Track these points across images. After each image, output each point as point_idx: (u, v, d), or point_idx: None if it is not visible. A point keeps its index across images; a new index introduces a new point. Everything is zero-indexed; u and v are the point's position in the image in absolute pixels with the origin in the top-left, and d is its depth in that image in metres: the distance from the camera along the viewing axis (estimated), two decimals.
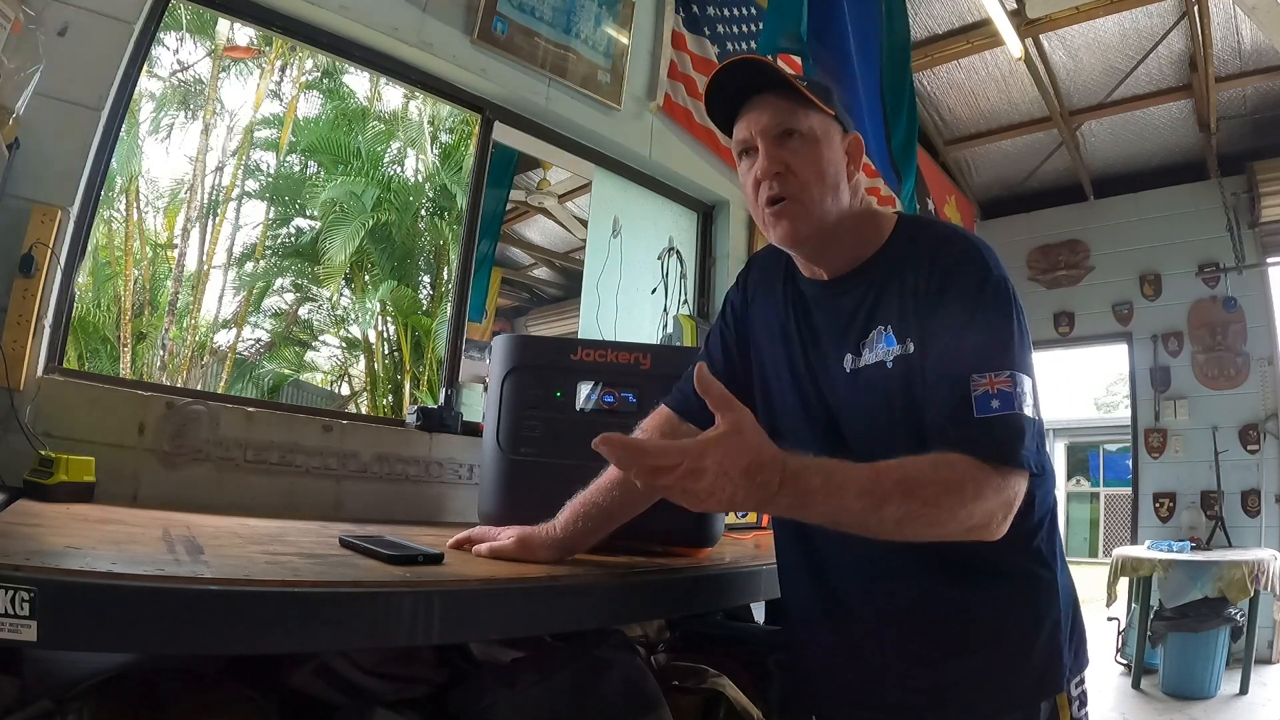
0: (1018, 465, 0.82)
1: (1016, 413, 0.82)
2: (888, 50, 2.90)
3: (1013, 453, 0.81)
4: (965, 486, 0.79)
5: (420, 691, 1.10)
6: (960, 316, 0.88)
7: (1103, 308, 5.49)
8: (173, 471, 1.56)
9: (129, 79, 1.67)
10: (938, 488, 0.79)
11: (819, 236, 0.96)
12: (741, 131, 0.98)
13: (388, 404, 7.84)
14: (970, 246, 0.94)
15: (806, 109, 0.95)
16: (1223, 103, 4.62)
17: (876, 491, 0.77)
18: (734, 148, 1.00)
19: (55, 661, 0.96)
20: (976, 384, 0.83)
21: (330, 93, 8.10)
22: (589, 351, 1.43)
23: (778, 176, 0.94)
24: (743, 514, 2.12)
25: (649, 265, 3.05)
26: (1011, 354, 0.85)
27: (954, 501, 0.79)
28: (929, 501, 0.78)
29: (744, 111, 0.97)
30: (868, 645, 0.96)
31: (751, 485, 0.73)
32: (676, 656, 1.47)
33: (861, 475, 0.78)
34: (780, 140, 0.94)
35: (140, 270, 7.59)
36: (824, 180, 0.94)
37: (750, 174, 0.97)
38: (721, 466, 0.72)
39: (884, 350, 0.92)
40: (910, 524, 0.78)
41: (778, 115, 0.94)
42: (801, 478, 0.76)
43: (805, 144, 0.94)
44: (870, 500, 0.77)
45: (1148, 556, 4.29)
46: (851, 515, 0.78)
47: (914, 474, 0.79)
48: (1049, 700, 0.93)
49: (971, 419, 0.82)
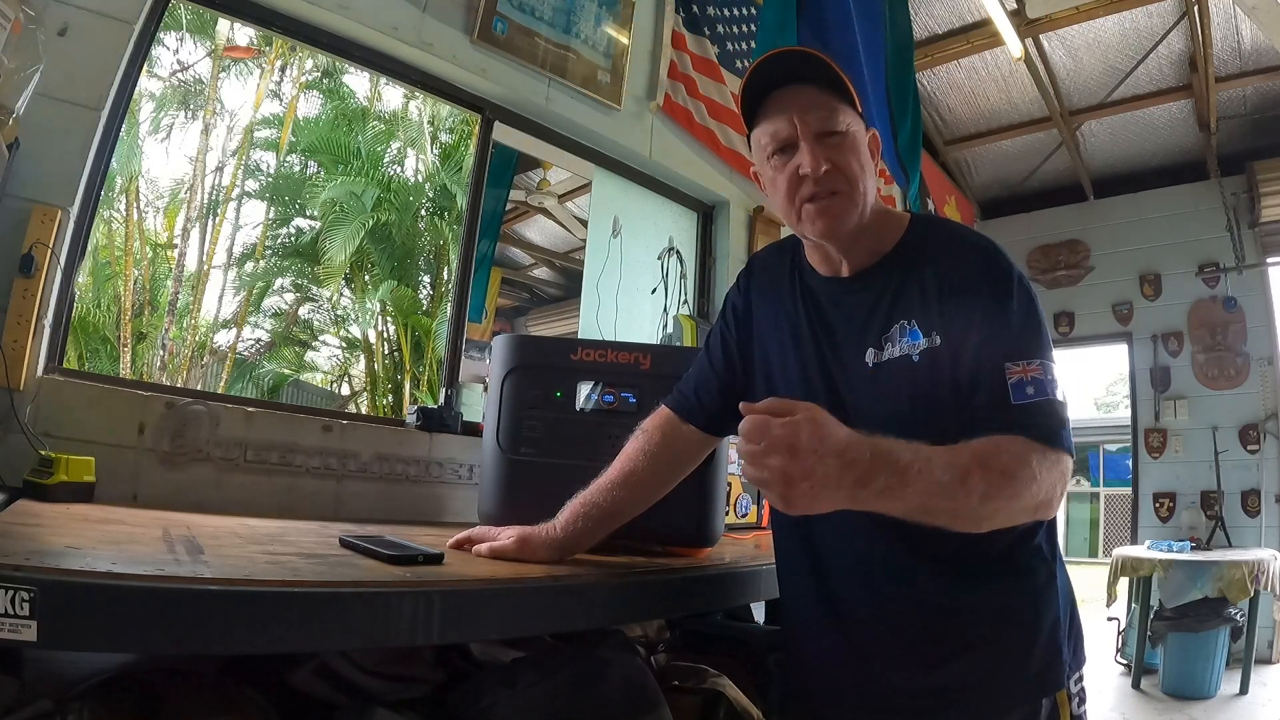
0: (1061, 447, 0.84)
1: (1051, 398, 0.85)
2: (893, 50, 2.90)
3: (1056, 435, 0.84)
4: (1030, 459, 0.81)
5: (420, 691, 1.10)
6: (988, 310, 0.90)
7: (1103, 308, 5.49)
8: (173, 471, 1.56)
9: (129, 79, 1.67)
10: (1009, 459, 0.80)
11: (855, 231, 0.98)
12: (782, 126, 0.95)
13: (388, 404, 7.84)
14: (988, 244, 0.97)
15: (846, 106, 0.96)
16: (1223, 103, 4.62)
17: (958, 464, 0.77)
18: (768, 141, 0.98)
19: (55, 661, 0.96)
20: (1011, 372, 0.86)
21: (330, 93, 8.11)
22: (589, 351, 1.43)
23: (826, 175, 0.94)
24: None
25: (649, 265, 3.05)
26: (1040, 343, 0.89)
27: (1026, 474, 0.80)
28: (1005, 473, 0.79)
29: (777, 102, 0.96)
30: (869, 646, 0.96)
31: (844, 464, 0.72)
32: (676, 656, 1.47)
33: (939, 450, 0.78)
34: (821, 139, 0.95)
35: (140, 270, 7.59)
36: (864, 178, 0.96)
37: (787, 168, 0.96)
38: (813, 444, 0.71)
39: (909, 344, 0.94)
40: (993, 498, 0.78)
41: (823, 113, 0.95)
42: (892, 453, 0.75)
43: (848, 141, 0.95)
44: (956, 473, 0.77)
45: (1148, 556, 4.29)
46: (942, 493, 0.76)
47: (983, 449, 0.80)
48: (1050, 697, 0.93)
49: (1011, 405, 0.85)
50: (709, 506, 1.38)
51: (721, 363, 1.14)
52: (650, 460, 1.13)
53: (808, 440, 0.71)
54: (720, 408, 1.14)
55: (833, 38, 2.74)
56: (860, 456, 0.73)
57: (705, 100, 3.07)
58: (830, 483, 0.72)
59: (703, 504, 1.37)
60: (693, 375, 1.18)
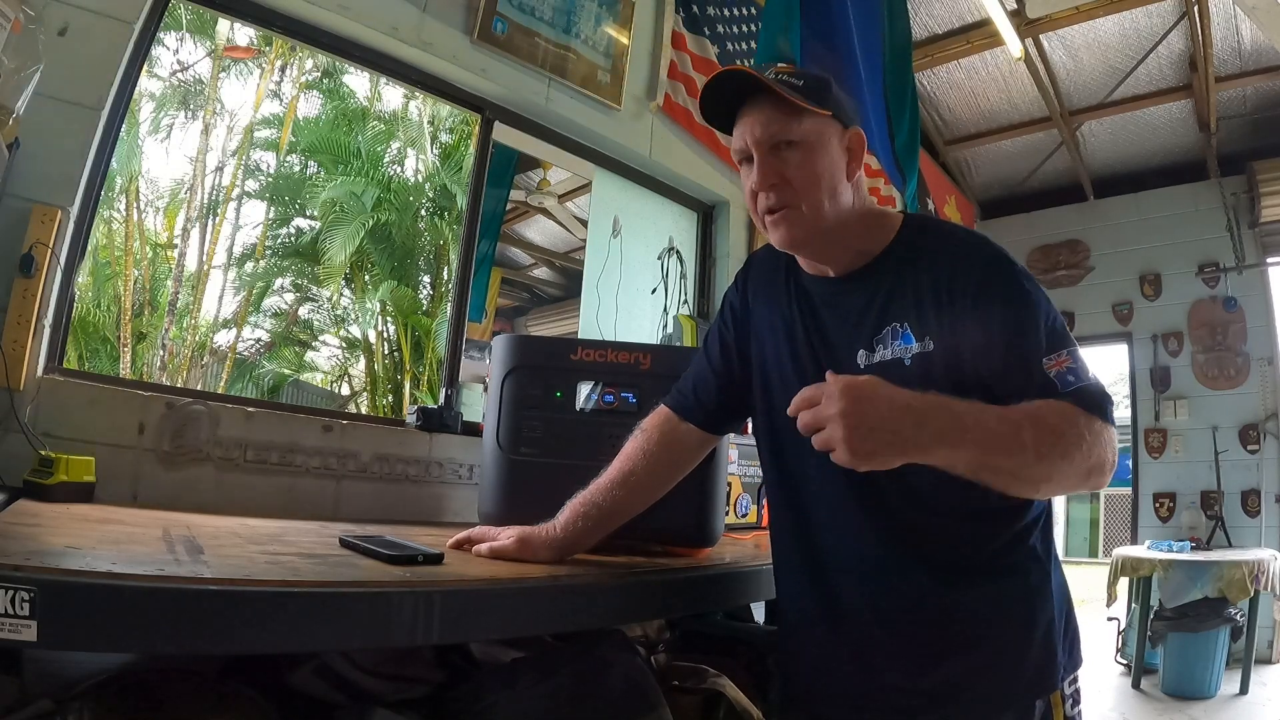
0: (1107, 419, 0.86)
1: (1089, 382, 0.86)
2: (890, 50, 2.90)
3: (1102, 408, 0.85)
4: (1077, 420, 0.82)
5: (420, 691, 1.10)
6: (1005, 314, 0.90)
7: (1103, 308, 5.49)
8: (173, 471, 1.56)
9: (129, 79, 1.67)
10: (1059, 418, 0.82)
11: (819, 240, 0.97)
12: (738, 140, 0.98)
13: (388, 404, 7.84)
14: (987, 244, 0.97)
15: (800, 115, 0.94)
16: (1223, 103, 4.62)
17: (1011, 418, 0.80)
18: (734, 155, 1.01)
19: (55, 661, 0.96)
20: (1049, 366, 0.87)
21: (330, 93, 8.10)
22: (589, 351, 1.43)
23: (774, 187, 0.95)
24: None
25: (649, 265, 3.05)
26: (1063, 335, 0.90)
27: (1076, 434, 0.82)
28: (1055, 429, 0.81)
29: (740, 117, 0.98)
30: (864, 645, 0.96)
31: (900, 408, 0.76)
32: (676, 656, 1.47)
33: (990, 406, 0.81)
34: (775, 150, 0.95)
35: (140, 270, 7.59)
36: (819, 187, 0.95)
37: (748, 182, 0.98)
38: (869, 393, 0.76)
39: (901, 348, 0.93)
40: (1047, 455, 0.80)
41: (770, 125, 0.94)
42: (945, 403, 0.78)
43: (800, 152, 0.94)
44: (1010, 426, 0.79)
45: (1148, 556, 4.29)
46: (999, 444, 0.79)
47: (1034, 408, 0.82)
48: (1044, 699, 0.93)
49: (1059, 393, 0.85)
50: (709, 506, 1.38)
51: (720, 362, 1.14)
52: (650, 460, 1.13)
53: (863, 389, 0.76)
54: (719, 406, 1.14)
55: (834, 37, 2.74)
56: (914, 402, 0.77)
57: None
58: (890, 425, 0.75)
59: (703, 504, 1.37)
60: (691, 374, 1.18)
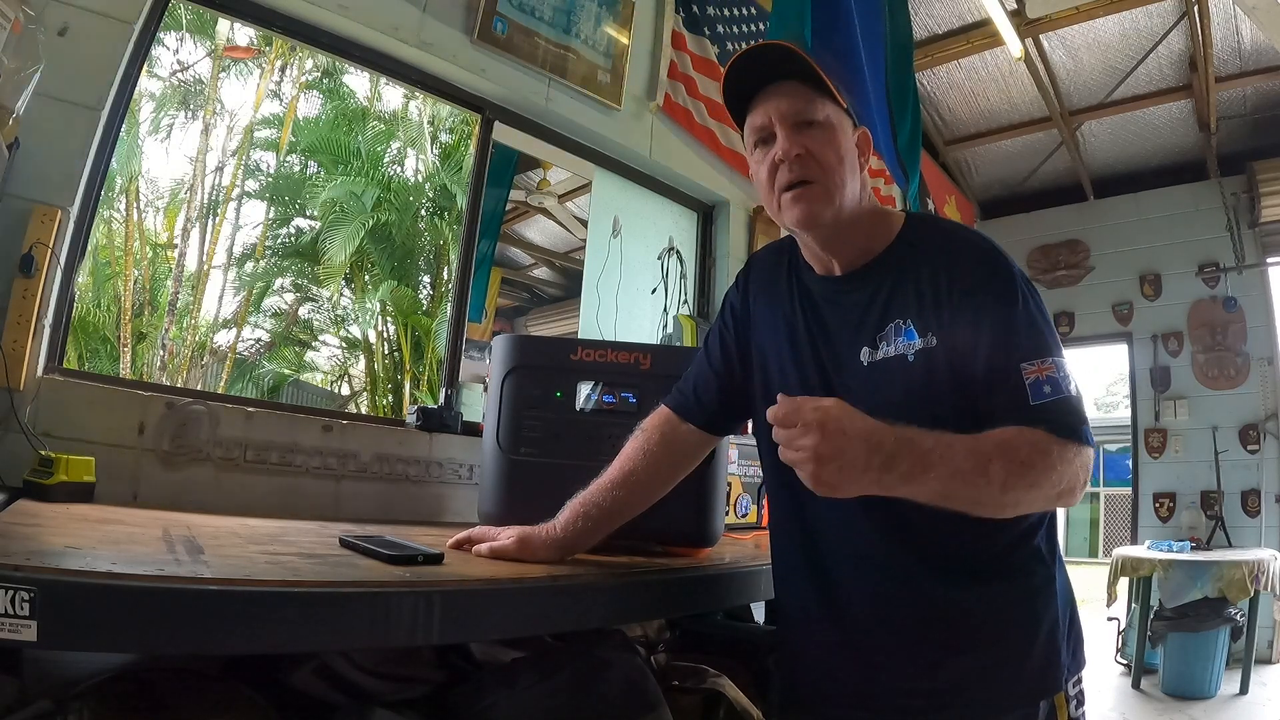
0: (1081, 440, 0.85)
1: (1067, 395, 0.86)
2: (892, 48, 2.90)
3: (1075, 429, 0.85)
4: (1050, 450, 0.83)
5: (420, 691, 1.10)
6: (995, 313, 0.90)
7: (1103, 308, 5.49)
8: (172, 471, 1.56)
9: (129, 79, 1.67)
10: (1029, 449, 0.82)
11: (835, 222, 0.97)
12: (759, 118, 0.98)
13: (388, 404, 7.84)
14: (987, 243, 0.97)
15: (824, 98, 0.96)
16: (1223, 103, 4.62)
17: (980, 451, 0.81)
18: (749, 135, 1.01)
19: (55, 661, 0.96)
20: (1026, 373, 0.87)
21: (330, 93, 8.10)
22: (589, 351, 1.43)
23: (798, 158, 0.95)
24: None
25: (649, 265, 3.05)
26: (1050, 341, 0.90)
27: (1045, 463, 0.82)
28: (1025, 462, 0.81)
29: (761, 98, 0.98)
30: (866, 645, 0.96)
31: (870, 447, 0.77)
32: (676, 656, 1.47)
33: (961, 438, 0.81)
34: (799, 128, 0.96)
35: (140, 270, 7.59)
36: (842, 166, 0.96)
37: (767, 159, 0.98)
38: (841, 426, 0.76)
39: (904, 344, 0.94)
40: (1014, 486, 0.81)
41: (798, 103, 0.96)
42: (915, 439, 0.79)
43: (824, 131, 0.96)
44: (977, 460, 0.80)
45: (1148, 556, 4.29)
46: (964, 479, 0.79)
47: (1004, 437, 0.83)
48: (1047, 700, 0.93)
49: (1030, 405, 0.86)
50: (709, 506, 1.38)
51: (720, 362, 1.14)
52: (650, 460, 1.13)
53: (837, 423, 0.77)
54: (719, 406, 1.14)
55: (836, 37, 2.74)
56: (885, 440, 0.77)
57: (705, 100, 3.07)
58: (859, 465, 0.76)
59: (703, 504, 1.36)
60: (692, 374, 1.18)
